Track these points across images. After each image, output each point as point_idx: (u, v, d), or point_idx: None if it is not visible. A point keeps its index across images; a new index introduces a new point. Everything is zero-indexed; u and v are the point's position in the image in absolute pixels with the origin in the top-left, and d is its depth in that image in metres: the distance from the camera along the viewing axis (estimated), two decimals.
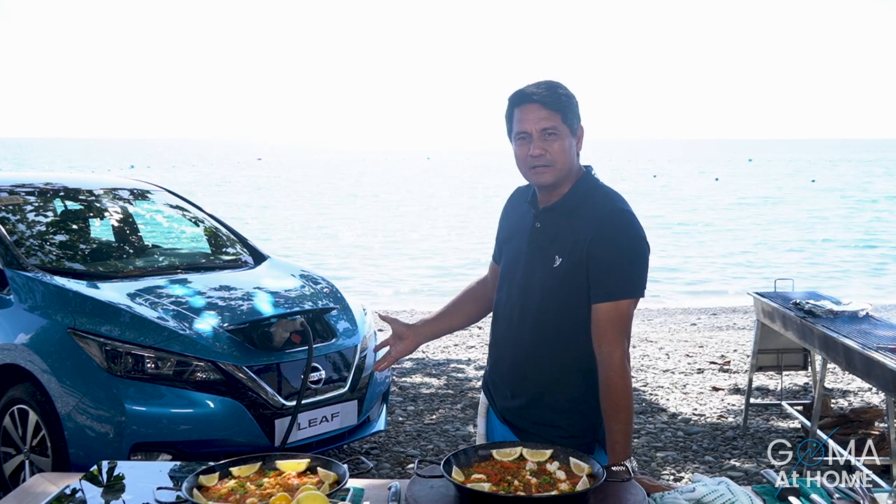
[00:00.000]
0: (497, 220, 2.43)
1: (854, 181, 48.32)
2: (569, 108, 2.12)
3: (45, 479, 2.19)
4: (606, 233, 2.08)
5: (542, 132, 2.09)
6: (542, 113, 2.09)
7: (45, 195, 5.00)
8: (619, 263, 2.08)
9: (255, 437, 3.72)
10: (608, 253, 2.07)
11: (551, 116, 2.09)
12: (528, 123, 2.10)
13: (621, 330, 2.07)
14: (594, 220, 2.10)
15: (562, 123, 2.10)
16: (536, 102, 2.09)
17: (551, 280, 2.14)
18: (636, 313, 2.23)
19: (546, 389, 2.21)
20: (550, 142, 2.10)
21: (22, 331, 3.82)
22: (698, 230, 23.08)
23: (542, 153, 2.10)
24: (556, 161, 2.11)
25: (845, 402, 5.87)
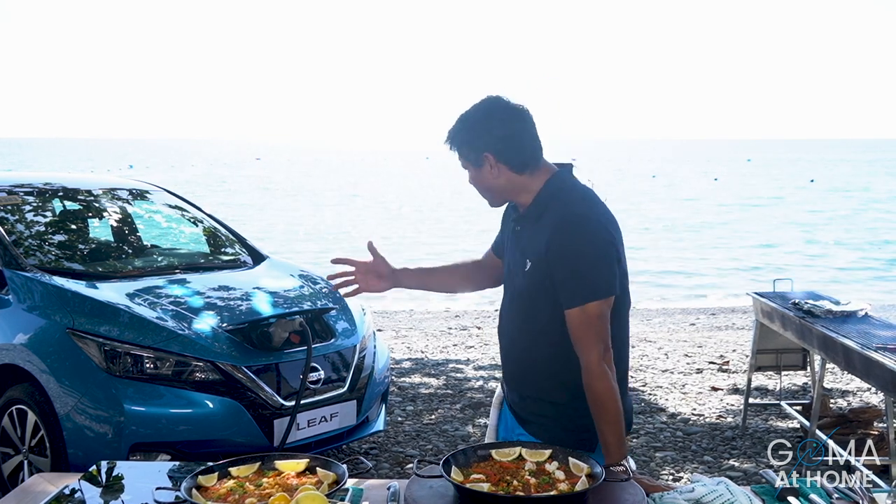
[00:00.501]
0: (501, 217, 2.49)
1: (853, 181, 48.35)
2: (462, 144, 2.19)
3: (43, 480, 2.19)
4: (561, 239, 2.11)
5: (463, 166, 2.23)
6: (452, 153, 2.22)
7: (43, 195, 5.00)
8: (577, 269, 2.10)
9: (254, 438, 3.71)
10: (565, 259, 2.11)
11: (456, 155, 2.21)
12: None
13: (593, 333, 2.08)
14: (551, 227, 2.13)
15: (462, 159, 2.21)
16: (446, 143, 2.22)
17: (525, 283, 2.20)
18: (634, 313, 2.25)
19: (540, 386, 2.25)
20: (469, 177, 2.23)
21: (21, 331, 3.82)
22: (697, 230, 23.09)
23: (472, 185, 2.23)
24: (479, 188, 2.23)
25: (844, 402, 5.87)
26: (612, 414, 2.07)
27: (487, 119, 2.17)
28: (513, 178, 2.19)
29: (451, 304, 11.90)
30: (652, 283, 14.73)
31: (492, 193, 2.24)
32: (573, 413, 2.19)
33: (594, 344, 2.08)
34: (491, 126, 2.16)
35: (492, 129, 2.15)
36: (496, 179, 2.19)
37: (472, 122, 2.18)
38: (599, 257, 2.11)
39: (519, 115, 2.18)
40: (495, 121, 2.16)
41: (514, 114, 2.17)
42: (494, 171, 2.18)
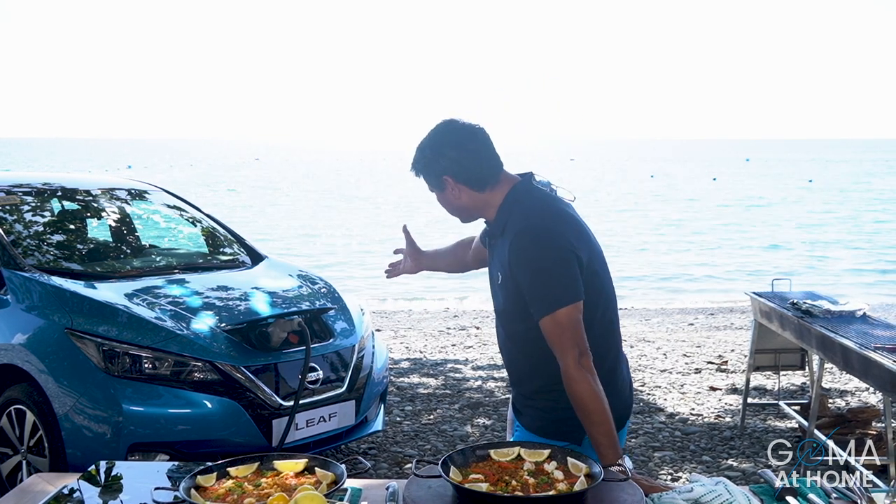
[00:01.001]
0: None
1: (852, 181, 48.39)
2: (424, 172, 2.29)
3: (42, 480, 2.18)
4: (519, 252, 2.18)
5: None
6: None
7: (42, 195, 5.00)
8: (539, 279, 2.16)
9: (253, 438, 3.71)
10: (527, 272, 2.18)
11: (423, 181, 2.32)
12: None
13: (567, 339, 2.13)
14: (510, 240, 2.20)
15: (428, 184, 2.31)
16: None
17: (502, 295, 2.31)
18: (633, 312, 2.27)
19: (527, 390, 2.36)
20: (436, 196, 2.34)
21: (19, 331, 3.82)
22: (695, 230, 23.10)
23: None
24: (447, 209, 2.35)
25: (843, 401, 5.88)
26: (597, 415, 2.10)
27: (441, 144, 2.26)
28: (474, 196, 2.28)
29: (450, 303, 11.91)
30: (650, 284, 14.75)
31: (459, 212, 2.34)
32: (554, 405, 2.27)
33: (569, 349, 2.12)
34: (445, 150, 2.24)
35: (447, 152, 2.24)
36: (459, 200, 2.29)
37: (428, 149, 2.28)
38: (558, 265, 2.16)
39: (472, 136, 2.26)
40: (449, 145, 2.25)
41: (467, 135, 2.26)
42: (456, 192, 2.27)
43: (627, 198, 34.93)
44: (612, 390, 2.22)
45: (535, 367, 2.29)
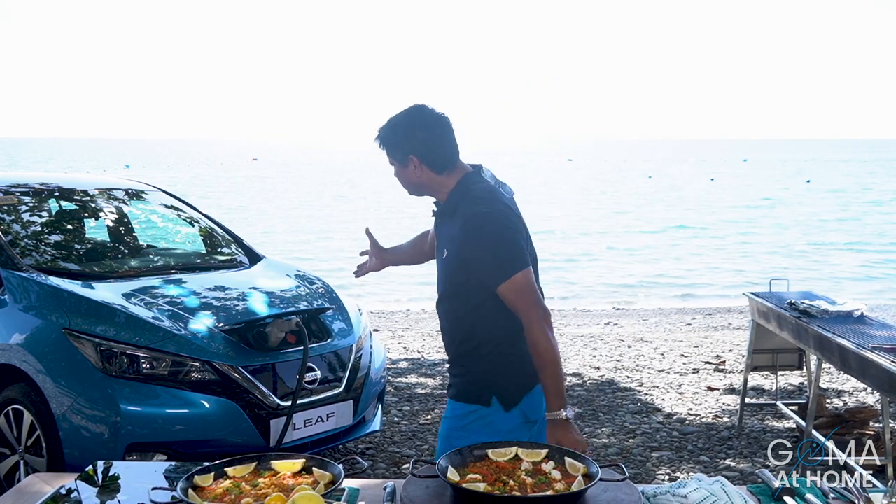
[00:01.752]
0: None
1: (850, 181, 48.45)
2: (390, 146, 2.49)
3: (40, 480, 2.18)
4: (471, 234, 2.41)
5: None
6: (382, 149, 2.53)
7: (39, 195, 4.99)
8: (491, 253, 2.40)
9: (251, 438, 3.71)
10: (481, 248, 2.41)
11: (386, 154, 2.52)
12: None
13: (528, 298, 2.38)
14: (461, 224, 2.43)
15: (390, 157, 2.51)
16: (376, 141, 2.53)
17: (443, 269, 2.54)
18: (632, 313, 2.30)
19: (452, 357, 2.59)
20: (394, 170, 2.54)
21: (17, 331, 3.81)
22: (693, 230, 23.12)
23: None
24: (402, 183, 2.55)
25: (840, 402, 5.89)
26: (553, 366, 2.34)
27: (413, 126, 2.46)
28: (432, 177, 2.50)
29: None
30: (649, 284, 14.75)
31: (413, 187, 2.55)
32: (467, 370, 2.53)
33: (532, 308, 2.37)
34: (417, 131, 2.46)
35: (417, 134, 2.45)
36: (418, 178, 2.50)
37: (400, 128, 2.47)
38: (508, 239, 2.41)
39: (440, 123, 2.48)
40: (420, 127, 2.46)
41: (436, 121, 2.47)
42: (417, 171, 2.49)
43: (624, 198, 34.94)
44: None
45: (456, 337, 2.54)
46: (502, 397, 2.47)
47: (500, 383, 2.48)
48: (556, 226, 22.73)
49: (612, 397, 6.11)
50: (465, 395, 2.51)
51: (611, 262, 17.41)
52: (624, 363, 7.35)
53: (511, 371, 2.48)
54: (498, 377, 2.49)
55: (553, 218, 24.80)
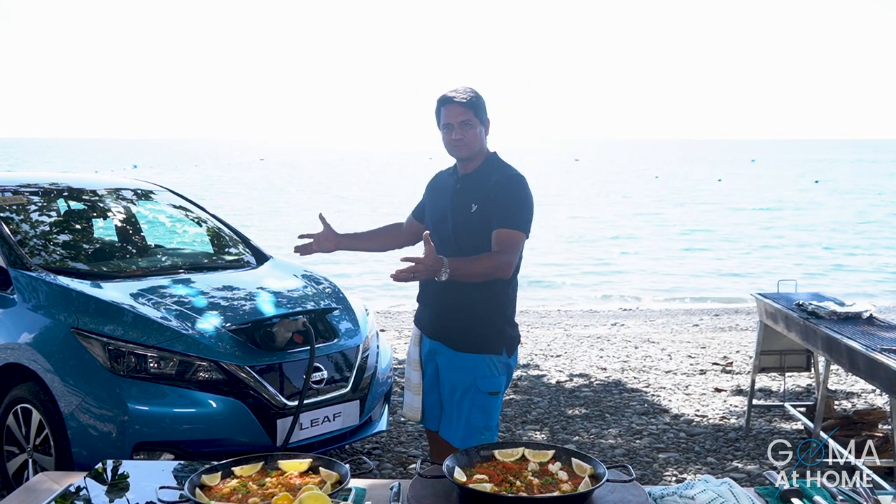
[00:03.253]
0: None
1: (858, 182, 48.27)
2: (479, 107, 2.96)
3: (48, 478, 2.19)
4: (508, 186, 2.94)
5: (460, 124, 2.94)
6: (460, 109, 2.94)
7: (48, 195, 5.01)
8: (522, 206, 2.93)
9: (258, 437, 3.72)
10: (515, 198, 2.92)
11: (466, 112, 2.94)
12: (451, 118, 2.95)
13: (512, 249, 2.87)
14: (497, 181, 2.95)
15: (474, 116, 2.95)
16: (456, 103, 2.94)
17: (467, 221, 2.96)
18: (639, 314, 2.29)
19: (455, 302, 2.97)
20: (466, 130, 2.94)
21: (26, 330, 3.83)
22: (700, 231, 23.06)
23: (460, 137, 2.95)
24: (471, 142, 2.96)
25: (849, 403, 5.86)
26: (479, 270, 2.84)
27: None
28: (484, 143, 3.02)
29: None
30: (654, 284, 14.73)
31: (471, 149, 2.97)
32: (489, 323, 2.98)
33: (512, 254, 2.88)
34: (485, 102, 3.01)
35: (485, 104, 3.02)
36: (482, 140, 2.98)
37: (482, 96, 2.99)
38: (531, 203, 2.97)
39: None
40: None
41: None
42: (483, 134, 2.98)
43: (631, 198, 34.88)
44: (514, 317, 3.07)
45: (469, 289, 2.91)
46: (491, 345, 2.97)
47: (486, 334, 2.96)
48: (571, 227, 22.71)
49: (619, 398, 6.10)
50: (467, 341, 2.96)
51: (620, 263, 17.38)
52: (631, 364, 7.34)
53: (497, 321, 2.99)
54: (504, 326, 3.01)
55: (573, 219, 24.78)
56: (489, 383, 2.97)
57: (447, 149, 3.01)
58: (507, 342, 3.02)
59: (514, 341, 3.06)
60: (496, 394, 3.01)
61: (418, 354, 3.15)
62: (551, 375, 6.80)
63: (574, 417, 5.59)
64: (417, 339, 3.17)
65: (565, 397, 6.11)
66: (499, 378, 3.00)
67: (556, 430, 5.33)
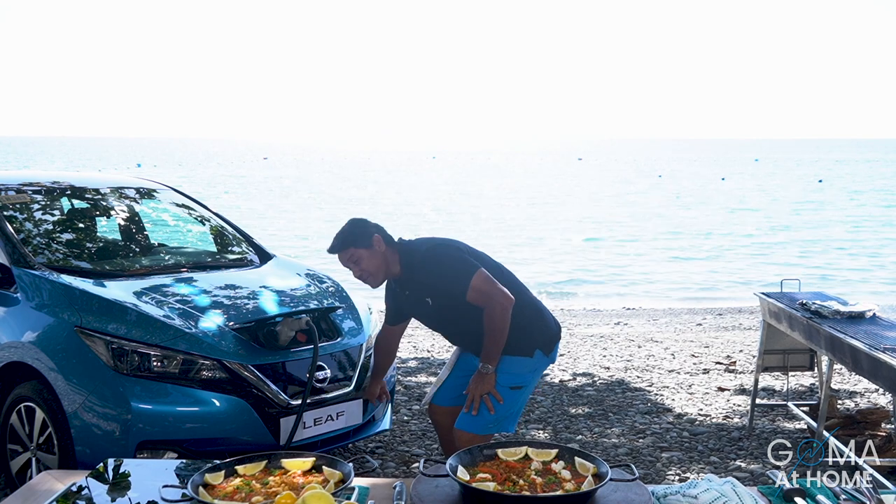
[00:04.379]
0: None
1: (863, 181, 48.17)
2: (350, 241, 3.33)
3: (51, 477, 2.20)
4: (432, 269, 3.33)
5: (348, 265, 3.37)
6: (341, 257, 3.37)
7: (51, 194, 5.02)
8: (449, 272, 3.30)
9: (261, 436, 3.72)
10: (440, 275, 3.31)
11: (346, 254, 3.34)
12: (341, 264, 3.40)
13: (488, 290, 3.25)
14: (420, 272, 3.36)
15: (354, 251, 3.33)
16: (335, 253, 3.37)
17: (437, 310, 3.43)
18: (642, 313, 2.29)
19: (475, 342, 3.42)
20: (358, 265, 3.35)
21: (29, 329, 3.83)
22: (704, 229, 23.04)
23: (360, 274, 3.38)
24: (372, 270, 3.37)
25: (852, 403, 5.86)
26: (499, 333, 3.27)
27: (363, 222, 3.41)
28: (389, 253, 3.37)
29: None
30: (658, 283, 14.71)
31: (377, 276, 3.38)
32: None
33: (493, 295, 3.24)
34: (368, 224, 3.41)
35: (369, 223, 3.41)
36: (381, 255, 3.33)
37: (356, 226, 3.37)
38: (452, 257, 3.34)
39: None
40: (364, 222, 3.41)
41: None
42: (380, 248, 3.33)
43: (633, 198, 34.85)
44: (542, 320, 3.49)
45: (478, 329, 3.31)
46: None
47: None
48: (576, 226, 22.71)
49: (623, 397, 6.10)
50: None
51: (623, 261, 17.37)
52: (634, 363, 7.33)
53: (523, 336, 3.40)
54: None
55: (583, 219, 24.77)
56: (510, 378, 3.37)
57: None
58: (539, 344, 3.44)
59: (549, 340, 3.48)
60: (518, 388, 3.41)
61: (456, 357, 3.67)
62: (554, 374, 6.80)
63: (577, 416, 5.59)
64: (458, 351, 3.71)
65: (568, 396, 6.10)
66: (525, 375, 3.42)
67: (559, 429, 5.32)
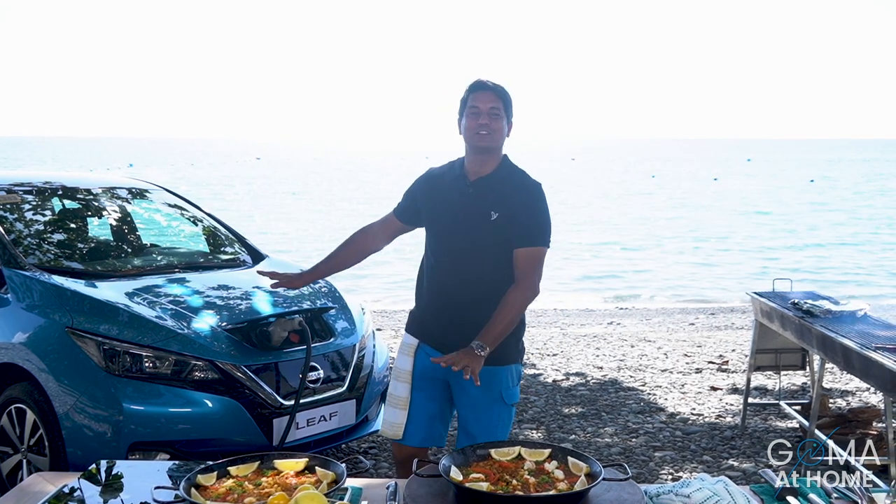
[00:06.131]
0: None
1: (854, 181, 48.37)
2: (508, 102, 2.84)
3: (42, 479, 2.19)
4: (526, 196, 2.82)
5: (490, 110, 2.80)
6: (492, 96, 2.80)
7: (43, 194, 4.99)
8: (545, 220, 2.83)
9: (254, 437, 3.71)
10: (537, 212, 2.81)
11: (497, 101, 2.81)
12: (481, 103, 2.80)
13: (536, 268, 2.78)
14: (521, 189, 2.83)
15: (503, 109, 2.82)
16: (490, 91, 2.81)
17: (487, 231, 2.80)
18: (635, 312, 2.29)
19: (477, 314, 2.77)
20: (493, 119, 2.80)
21: (20, 330, 3.82)
22: (696, 229, 23.09)
23: (487, 123, 2.79)
24: (496, 133, 2.81)
25: (843, 402, 5.88)
26: (514, 316, 2.75)
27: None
28: (503, 142, 2.86)
29: None
30: (650, 283, 14.74)
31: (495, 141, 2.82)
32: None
33: (536, 276, 2.77)
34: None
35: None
36: (504, 134, 2.84)
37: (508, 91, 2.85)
38: (550, 217, 2.85)
39: None
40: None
41: None
42: (508, 131, 2.85)
43: (628, 197, 34.92)
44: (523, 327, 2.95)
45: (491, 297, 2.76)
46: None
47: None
48: (569, 226, 22.72)
49: (615, 397, 6.10)
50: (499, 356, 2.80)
51: (616, 260, 17.40)
52: (627, 363, 7.34)
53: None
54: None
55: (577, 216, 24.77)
56: (512, 394, 2.91)
57: (468, 137, 2.82)
58: (522, 348, 2.98)
59: (523, 346, 3.02)
60: (516, 404, 2.98)
61: (411, 366, 2.97)
62: (547, 374, 6.81)
63: (570, 416, 5.60)
64: (411, 351, 2.99)
65: (561, 396, 6.11)
66: (517, 387, 2.94)
67: (552, 428, 5.33)
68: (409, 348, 3.01)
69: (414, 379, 2.96)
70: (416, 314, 3.05)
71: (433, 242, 2.94)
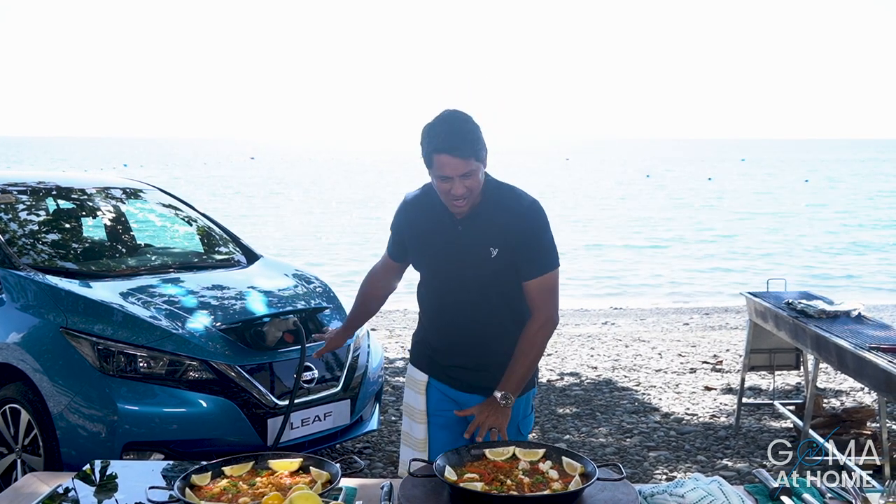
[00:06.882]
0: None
1: (850, 181, 48.50)
2: (478, 147, 2.38)
3: (36, 479, 2.18)
4: (535, 221, 2.49)
5: (461, 176, 2.36)
6: (461, 163, 2.34)
7: (37, 194, 4.98)
8: (548, 243, 2.51)
9: (248, 437, 3.71)
10: (539, 237, 2.49)
11: (469, 163, 2.35)
12: (448, 170, 2.36)
13: (556, 294, 2.52)
14: (518, 216, 2.48)
15: (475, 162, 2.37)
16: (458, 157, 2.34)
17: (488, 269, 2.48)
18: (629, 312, 2.30)
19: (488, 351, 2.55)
20: (468, 180, 2.38)
21: (14, 330, 3.81)
22: (690, 229, 23.13)
23: (464, 192, 2.39)
24: (474, 192, 2.42)
25: (837, 401, 5.89)
26: (536, 354, 2.51)
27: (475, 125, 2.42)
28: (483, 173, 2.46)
29: None
30: (645, 283, 14.76)
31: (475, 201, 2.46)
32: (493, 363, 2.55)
33: (553, 303, 2.51)
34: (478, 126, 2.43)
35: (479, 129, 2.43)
36: (483, 177, 2.45)
37: (476, 127, 2.40)
38: (551, 236, 2.53)
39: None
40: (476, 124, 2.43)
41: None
42: (484, 170, 2.45)
43: (622, 198, 34.96)
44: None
45: (502, 333, 2.54)
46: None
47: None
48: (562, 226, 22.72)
49: (610, 397, 6.11)
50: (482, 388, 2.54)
51: (611, 260, 17.42)
52: (621, 363, 7.35)
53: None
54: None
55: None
56: (528, 423, 2.68)
57: (444, 201, 2.46)
58: (536, 370, 2.67)
59: (537, 368, 2.72)
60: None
61: (424, 405, 2.70)
62: (542, 374, 6.81)
63: (565, 416, 5.60)
64: (422, 388, 2.71)
65: (556, 396, 6.11)
66: (532, 414, 2.72)
67: (546, 428, 5.33)
68: (418, 385, 2.73)
69: (429, 416, 2.71)
70: (422, 349, 2.73)
71: (429, 278, 2.64)
